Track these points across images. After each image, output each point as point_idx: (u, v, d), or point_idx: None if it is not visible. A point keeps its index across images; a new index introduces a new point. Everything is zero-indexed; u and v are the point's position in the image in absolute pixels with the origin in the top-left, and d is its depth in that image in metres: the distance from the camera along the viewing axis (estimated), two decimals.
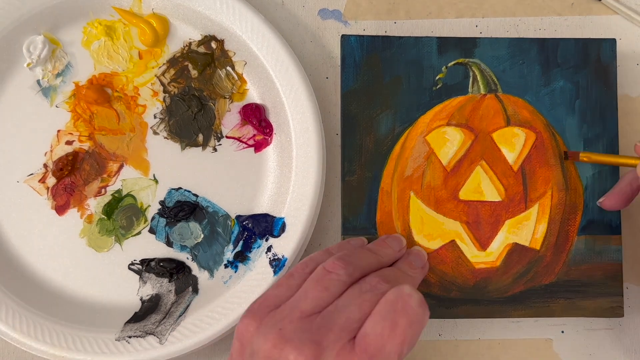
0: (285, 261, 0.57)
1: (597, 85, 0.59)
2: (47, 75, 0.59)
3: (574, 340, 0.59)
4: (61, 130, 0.59)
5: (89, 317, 0.57)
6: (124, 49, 0.60)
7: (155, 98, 0.60)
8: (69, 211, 0.59)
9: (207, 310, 0.57)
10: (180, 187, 0.59)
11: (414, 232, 0.57)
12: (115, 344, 0.56)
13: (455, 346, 0.60)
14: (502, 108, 0.58)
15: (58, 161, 0.59)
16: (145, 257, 0.59)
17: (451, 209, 0.57)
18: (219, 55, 0.60)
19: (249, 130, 0.60)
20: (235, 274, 0.58)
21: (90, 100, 0.59)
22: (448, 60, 0.59)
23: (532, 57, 0.59)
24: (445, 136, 0.58)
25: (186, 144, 0.60)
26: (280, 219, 0.58)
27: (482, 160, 0.58)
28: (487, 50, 0.59)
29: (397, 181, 0.58)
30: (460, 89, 0.58)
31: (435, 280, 0.57)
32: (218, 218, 0.59)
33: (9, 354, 0.59)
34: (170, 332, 0.56)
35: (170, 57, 0.60)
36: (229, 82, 0.60)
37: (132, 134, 0.60)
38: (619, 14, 0.62)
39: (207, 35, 0.60)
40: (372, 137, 0.58)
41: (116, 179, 0.59)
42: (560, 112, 0.58)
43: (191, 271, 0.59)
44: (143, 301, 0.58)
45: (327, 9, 0.62)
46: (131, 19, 0.59)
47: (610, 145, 0.58)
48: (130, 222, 0.59)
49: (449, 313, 0.57)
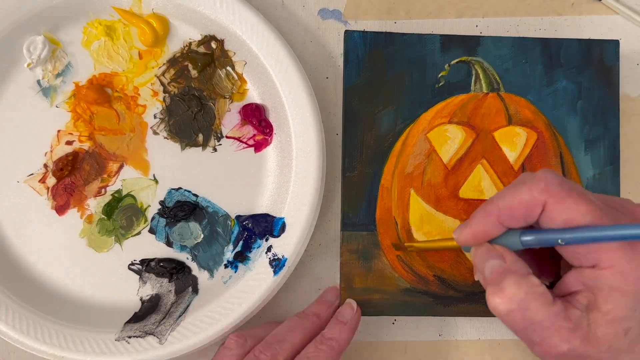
0: (285, 261, 0.57)
1: (600, 86, 0.58)
2: (47, 76, 0.59)
3: None
4: (61, 130, 0.59)
5: (89, 317, 0.57)
6: (124, 49, 0.60)
7: (155, 98, 0.60)
8: (69, 211, 0.59)
9: (207, 310, 0.57)
10: (180, 187, 0.59)
11: (414, 229, 0.57)
12: (115, 344, 0.56)
13: (456, 346, 0.60)
14: (504, 107, 0.58)
15: (58, 161, 0.59)
16: (145, 257, 0.59)
17: (451, 207, 0.57)
18: (219, 55, 0.60)
19: (249, 130, 0.60)
20: (235, 274, 0.58)
21: (90, 100, 0.59)
22: (451, 58, 0.58)
23: (535, 56, 0.58)
24: (447, 134, 0.58)
25: (186, 144, 0.60)
26: (280, 219, 0.58)
27: (483, 159, 0.57)
28: (490, 48, 0.58)
29: (397, 178, 0.57)
30: (463, 87, 0.58)
31: (433, 278, 0.57)
32: (218, 218, 0.59)
33: (9, 353, 0.59)
34: (170, 332, 0.56)
35: (170, 57, 0.60)
36: (229, 82, 0.60)
37: (132, 134, 0.59)
38: (619, 14, 0.62)
39: (207, 35, 0.60)
40: (373, 133, 0.58)
41: (116, 179, 0.59)
42: (562, 112, 0.58)
43: (191, 271, 0.59)
44: (143, 301, 0.58)
45: (327, 9, 0.62)
46: (131, 19, 0.59)
47: (612, 146, 0.58)
48: (130, 222, 0.59)
49: (447, 311, 0.57)
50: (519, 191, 0.47)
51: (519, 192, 0.47)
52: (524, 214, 0.47)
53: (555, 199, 0.46)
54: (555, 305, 0.46)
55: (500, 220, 0.48)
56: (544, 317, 0.46)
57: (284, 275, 0.57)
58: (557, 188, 0.46)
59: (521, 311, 0.46)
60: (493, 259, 0.48)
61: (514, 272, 0.47)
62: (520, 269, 0.47)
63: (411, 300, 0.57)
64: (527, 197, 0.46)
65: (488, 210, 0.48)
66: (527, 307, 0.46)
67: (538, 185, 0.46)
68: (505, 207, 0.47)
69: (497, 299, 0.47)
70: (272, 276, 0.57)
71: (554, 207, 0.46)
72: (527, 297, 0.46)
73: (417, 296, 0.57)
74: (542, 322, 0.46)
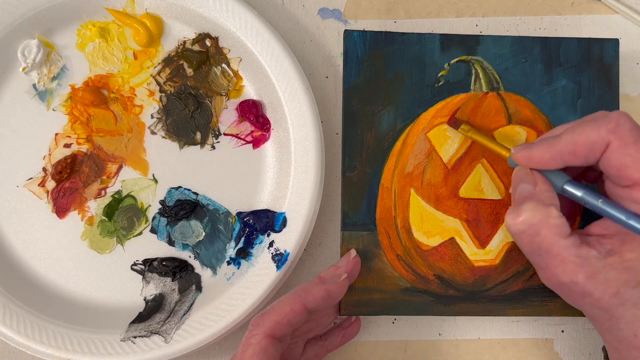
0: (287, 255, 0.57)
1: (600, 85, 0.58)
2: (42, 79, 0.58)
3: (574, 340, 0.60)
4: (59, 133, 0.59)
5: (94, 318, 0.58)
6: (118, 50, 0.59)
7: (152, 98, 0.59)
8: (69, 214, 0.59)
9: (212, 308, 0.57)
10: (180, 186, 0.59)
11: (414, 228, 0.58)
12: (120, 344, 0.57)
13: (456, 346, 0.60)
14: (503, 106, 0.58)
15: (57, 164, 0.58)
16: (147, 257, 0.59)
17: (451, 206, 0.58)
18: (214, 53, 0.59)
19: (247, 126, 0.60)
20: (238, 270, 0.59)
21: (86, 102, 0.58)
22: (451, 57, 0.58)
23: (535, 55, 0.58)
24: (447, 133, 0.58)
25: (184, 142, 0.59)
26: (281, 214, 0.58)
27: (482, 158, 0.58)
28: (489, 48, 0.58)
29: (397, 177, 0.58)
30: (463, 86, 0.58)
31: (433, 277, 0.57)
32: (219, 215, 0.59)
33: (8, 353, 0.60)
34: (175, 331, 0.57)
35: (165, 57, 0.59)
36: (224, 79, 0.59)
37: (129, 135, 0.59)
38: (619, 13, 0.61)
39: (201, 33, 0.59)
40: (373, 133, 0.58)
41: (115, 180, 0.59)
42: (562, 111, 0.58)
43: (194, 269, 0.59)
44: (147, 301, 0.59)
45: (327, 9, 0.61)
46: (125, 20, 0.58)
47: None
48: (131, 222, 0.59)
49: (447, 310, 0.57)
50: (587, 128, 0.47)
51: (587, 130, 0.47)
52: (586, 153, 0.47)
53: (620, 141, 0.46)
54: (568, 239, 0.47)
55: (562, 154, 0.48)
56: (551, 245, 0.47)
57: (287, 270, 0.57)
58: (626, 131, 0.46)
59: (530, 236, 0.48)
60: (526, 183, 0.50)
61: (537, 199, 0.48)
62: (546, 198, 0.48)
63: (411, 299, 0.57)
64: (594, 136, 0.46)
65: (554, 142, 0.48)
66: (537, 233, 0.47)
67: (608, 125, 0.46)
68: (571, 142, 0.47)
69: (512, 218, 0.48)
70: (275, 271, 0.57)
71: (615, 150, 0.46)
72: (539, 224, 0.47)
73: (417, 295, 0.57)
74: (549, 250, 0.47)
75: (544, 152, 0.49)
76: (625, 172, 0.46)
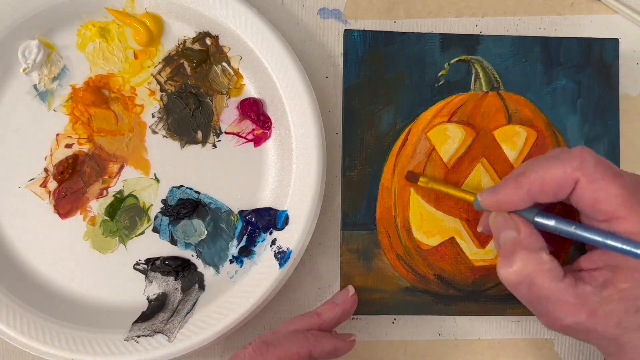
0: (290, 253, 0.57)
1: (599, 84, 0.58)
2: (43, 80, 0.58)
3: (574, 340, 0.60)
4: (60, 133, 0.59)
5: (97, 318, 0.58)
6: (119, 50, 0.59)
7: (153, 97, 0.59)
8: (71, 214, 0.59)
9: (215, 306, 0.58)
10: (182, 185, 0.59)
11: (414, 228, 0.58)
12: (124, 344, 0.57)
13: (456, 345, 0.61)
14: (503, 106, 0.58)
15: (58, 165, 0.58)
16: (150, 257, 0.59)
17: (451, 206, 0.58)
18: (214, 51, 0.59)
19: (248, 125, 0.60)
20: (240, 268, 0.59)
21: (87, 102, 0.58)
22: (451, 57, 0.58)
23: (535, 55, 0.58)
24: (447, 133, 0.58)
25: (185, 141, 0.59)
26: (283, 211, 0.59)
27: (483, 158, 0.58)
28: (490, 47, 0.58)
29: (397, 177, 0.58)
30: (463, 86, 0.58)
31: (433, 277, 0.58)
32: (221, 214, 0.59)
33: (8, 353, 0.60)
34: (178, 330, 0.57)
35: (166, 56, 0.59)
36: (225, 77, 0.59)
37: (131, 134, 0.59)
38: (619, 13, 0.61)
39: (201, 31, 0.59)
40: (373, 132, 0.58)
41: (117, 179, 0.59)
42: (562, 111, 0.58)
43: (197, 268, 0.59)
44: (150, 300, 0.59)
45: (327, 8, 0.61)
46: (125, 19, 0.58)
47: (612, 145, 0.58)
48: (133, 222, 0.59)
49: (447, 310, 0.58)
50: (552, 166, 0.47)
51: (552, 168, 0.47)
52: (555, 190, 0.47)
53: (588, 178, 0.46)
54: (563, 282, 0.47)
55: (530, 194, 0.48)
56: (549, 292, 0.47)
57: (290, 268, 0.57)
58: (591, 168, 0.46)
59: (527, 285, 0.47)
60: (508, 229, 0.49)
61: (525, 246, 0.48)
62: (533, 243, 0.48)
63: (411, 299, 0.57)
64: (560, 174, 0.46)
65: (519, 182, 0.48)
66: (534, 282, 0.47)
67: (573, 162, 0.46)
68: (537, 181, 0.47)
69: (506, 271, 0.48)
70: (278, 269, 0.57)
71: (585, 187, 0.46)
72: (534, 272, 0.47)
73: (417, 295, 0.57)
74: (548, 296, 0.47)
75: (512, 195, 0.49)
76: (600, 206, 0.46)
